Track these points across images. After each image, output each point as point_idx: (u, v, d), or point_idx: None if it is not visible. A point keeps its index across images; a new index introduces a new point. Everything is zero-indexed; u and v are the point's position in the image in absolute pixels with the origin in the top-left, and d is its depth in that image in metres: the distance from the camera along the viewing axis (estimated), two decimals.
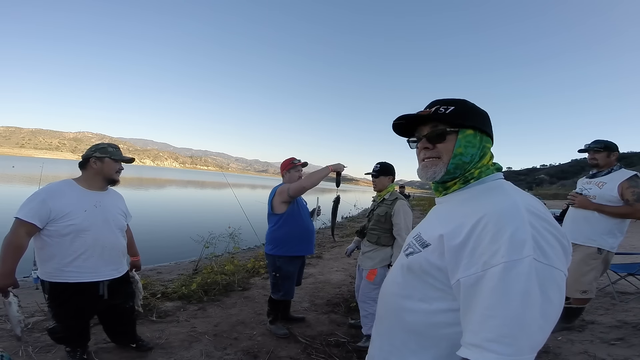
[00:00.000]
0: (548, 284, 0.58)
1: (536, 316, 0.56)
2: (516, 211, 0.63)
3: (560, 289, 0.60)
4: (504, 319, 0.56)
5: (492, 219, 0.63)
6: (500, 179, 0.78)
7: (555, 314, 0.59)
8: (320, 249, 6.87)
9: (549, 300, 0.58)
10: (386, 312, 0.82)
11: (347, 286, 4.24)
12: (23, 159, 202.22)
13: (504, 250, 0.58)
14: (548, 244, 0.60)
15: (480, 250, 0.62)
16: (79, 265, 1.91)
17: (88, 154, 2.06)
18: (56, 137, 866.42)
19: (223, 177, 28.67)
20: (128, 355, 2.29)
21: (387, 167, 2.59)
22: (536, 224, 0.61)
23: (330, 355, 2.46)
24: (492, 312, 0.57)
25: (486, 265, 0.60)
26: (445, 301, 0.69)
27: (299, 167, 2.83)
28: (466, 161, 0.78)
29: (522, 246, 0.58)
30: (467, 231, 0.65)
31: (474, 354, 0.58)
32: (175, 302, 3.36)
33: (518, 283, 0.57)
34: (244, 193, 28.49)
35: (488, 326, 0.57)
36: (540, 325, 0.57)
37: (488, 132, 0.81)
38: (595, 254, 2.51)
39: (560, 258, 0.61)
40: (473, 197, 0.74)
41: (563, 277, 0.60)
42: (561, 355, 2.32)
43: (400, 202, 2.46)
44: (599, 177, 2.60)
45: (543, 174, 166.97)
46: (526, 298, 0.56)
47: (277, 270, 2.69)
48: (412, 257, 0.76)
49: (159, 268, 5.55)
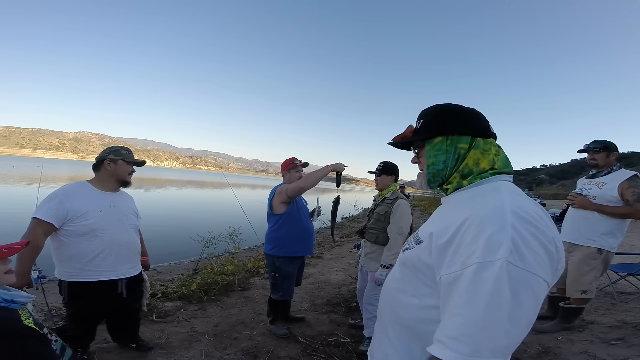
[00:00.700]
0: (521, 288, 0.57)
1: (502, 319, 0.56)
2: (500, 213, 0.63)
3: (536, 295, 0.58)
4: (467, 318, 0.57)
5: (475, 220, 0.64)
6: (499, 182, 0.75)
7: (526, 320, 0.58)
8: (320, 249, 6.87)
9: (520, 305, 0.57)
10: (384, 305, 0.85)
11: (347, 286, 4.24)
12: (23, 159, 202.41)
13: (479, 251, 0.59)
14: (529, 248, 0.59)
15: (462, 250, 0.63)
16: (97, 264, 1.94)
17: (102, 156, 2.10)
18: (56, 137, 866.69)
19: (223, 177, 28.71)
20: (128, 355, 2.29)
21: (389, 166, 2.58)
22: (520, 227, 0.60)
23: (330, 355, 2.46)
24: (458, 311, 0.59)
25: (463, 265, 0.61)
26: (433, 298, 0.70)
27: (300, 168, 2.83)
28: (439, 169, 0.81)
29: (497, 248, 0.58)
30: (452, 231, 0.66)
31: (437, 349, 0.60)
32: (175, 302, 3.36)
33: (486, 284, 0.57)
34: (244, 193, 28.50)
35: (452, 324, 0.59)
36: (506, 330, 0.56)
37: (462, 132, 0.79)
38: (595, 254, 2.52)
39: (542, 264, 0.59)
40: (468, 199, 0.75)
41: (541, 283, 0.59)
42: (561, 355, 2.32)
43: (401, 201, 2.44)
44: (599, 178, 2.60)
45: (543, 174, 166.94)
46: (492, 300, 0.56)
47: (276, 270, 2.69)
48: (406, 252, 0.79)
49: (159, 268, 5.55)
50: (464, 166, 0.78)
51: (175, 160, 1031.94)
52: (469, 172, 0.78)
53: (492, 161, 0.77)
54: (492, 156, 0.77)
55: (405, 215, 2.39)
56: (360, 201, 18.33)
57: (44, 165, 6.81)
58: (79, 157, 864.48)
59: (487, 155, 0.77)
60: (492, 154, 0.78)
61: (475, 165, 0.77)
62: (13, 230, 7.61)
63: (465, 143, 0.78)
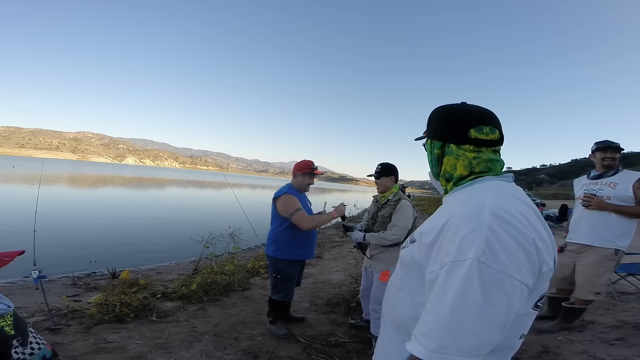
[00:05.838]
0: (493, 288, 0.57)
1: (470, 318, 0.56)
2: (477, 213, 0.63)
3: (509, 296, 0.58)
4: (436, 315, 0.59)
5: (455, 220, 0.65)
6: (490, 181, 0.75)
7: (498, 321, 0.57)
8: (320, 249, 6.87)
9: (491, 306, 0.56)
10: (385, 302, 0.88)
11: (347, 286, 4.23)
12: (23, 159, 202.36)
13: (454, 250, 0.61)
14: (505, 249, 0.58)
15: (442, 249, 0.64)
16: None
17: None
18: (56, 137, 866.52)
19: (223, 177, 28.65)
20: (128, 355, 2.29)
21: (388, 167, 2.57)
22: (496, 228, 0.60)
23: (330, 355, 2.45)
24: (430, 307, 0.61)
25: (442, 264, 0.63)
26: (423, 295, 0.70)
27: (314, 176, 2.75)
28: (431, 168, 0.88)
29: (469, 248, 0.59)
30: (437, 231, 0.68)
31: (410, 344, 0.63)
32: (175, 302, 3.36)
33: (455, 283, 0.58)
34: (244, 193, 28.48)
35: (424, 320, 0.62)
36: (476, 330, 0.56)
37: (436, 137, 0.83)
38: (612, 255, 2.49)
39: (518, 265, 0.58)
40: (457, 199, 0.76)
41: (515, 285, 0.58)
42: (561, 355, 2.32)
43: (404, 202, 2.44)
44: (607, 178, 2.56)
45: (543, 174, 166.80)
46: (460, 298, 0.57)
47: (278, 271, 2.68)
48: (403, 250, 0.81)
49: (159, 268, 5.55)
50: (444, 171, 0.83)
51: (175, 160, 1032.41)
52: (450, 176, 0.81)
53: (470, 166, 0.78)
54: (469, 161, 0.78)
55: (405, 215, 2.39)
56: (361, 201, 18.36)
57: (44, 165, 6.83)
58: (79, 157, 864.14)
59: (462, 160, 0.79)
60: (467, 159, 0.78)
61: (453, 170, 0.80)
62: (13, 230, 7.59)
63: (437, 148, 0.83)
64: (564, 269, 2.72)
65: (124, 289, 3.40)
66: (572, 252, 2.70)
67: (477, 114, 0.79)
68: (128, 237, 8.13)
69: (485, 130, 0.77)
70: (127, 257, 6.23)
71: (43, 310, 2.86)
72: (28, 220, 1.81)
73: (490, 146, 0.78)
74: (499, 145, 0.80)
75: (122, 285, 3.50)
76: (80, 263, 5.49)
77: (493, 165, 0.78)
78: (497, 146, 0.79)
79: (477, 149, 0.78)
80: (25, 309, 3.03)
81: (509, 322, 0.59)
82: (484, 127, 0.77)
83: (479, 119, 0.78)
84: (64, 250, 6.33)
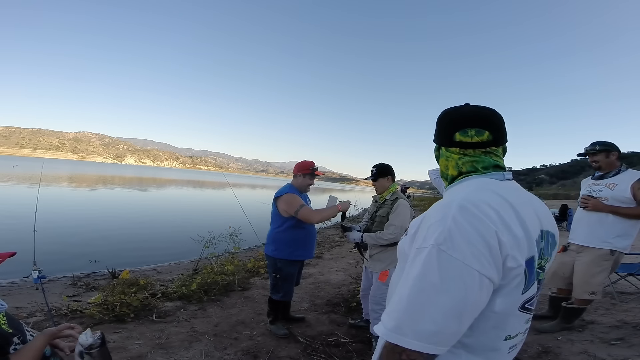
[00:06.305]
0: (450, 275, 0.59)
1: (427, 303, 0.59)
2: (446, 206, 0.67)
3: (466, 285, 0.59)
4: (398, 296, 0.63)
5: (429, 213, 0.71)
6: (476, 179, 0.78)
7: (454, 310, 0.58)
8: (320, 249, 6.87)
9: (447, 292, 0.58)
10: (387, 299, 0.89)
11: (347, 286, 4.23)
12: (23, 159, 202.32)
13: (420, 239, 0.66)
14: (466, 239, 0.60)
15: (417, 238, 0.69)
16: None
17: None
18: (56, 137, 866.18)
19: (223, 177, 28.63)
20: (128, 356, 2.29)
21: (383, 168, 2.57)
22: (460, 219, 0.62)
23: (330, 355, 2.46)
24: (397, 290, 0.65)
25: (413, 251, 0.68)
26: None
27: (315, 176, 2.76)
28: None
29: (431, 236, 0.63)
30: (419, 222, 0.72)
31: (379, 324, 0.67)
32: (175, 302, 3.36)
33: (416, 268, 0.62)
34: (244, 193, 28.49)
35: (391, 301, 0.67)
36: (432, 315, 0.58)
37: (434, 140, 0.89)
38: (608, 255, 2.49)
39: (478, 257, 0.59)
40: (445, 196, 0.81)
41: (474, 275, 0.59)
42: (561, 355, 2.32)
43: (401, 201, 2.44)
44: (608, 179, 2.56)
45: (543, 174, 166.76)
46: (419, 282, 0.61)
47: (277, 271, 2.69)
48: (399, 243, 0.84)
49: (159, 268, 5.56)
50: (441, 171, 0.90)
51: (175, 160, 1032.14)
52: (446, 176, 0.87)
53: (457, 167, 0.83)
54: (455, 162, 0.83)
55: (402, 214, 2.39)
56: (360, 201, 18.36)
57: (44, 165, 6.83)
58: (79, 157, 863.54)
59: (450, 161, 0.84)
60: (454, 160, 0.83)
61: (447, 170, 0.86)
62: (13, 230, 7.59)
63: (436, 151, 0.90)
64: (564, 268, 2.72)
65: (124, 289, 3.40)
66: (573, 252, 2.71)
67: (466, 117, 0.80)
68: (128, 237, 8.14)
69: (470, 133, 0.79)
70: (127, 257, 6.24)
71: (43, 310, 2.86)
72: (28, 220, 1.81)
73: (478, 148, 0.79)
74: (492, 146, 0.80)
75: (122, 285, 3.50)
76: (80, 263, 5.49)
77: (478, 164, 0.80)
78: (488, 147, 0.79)
79: (463, 151, 0.81)
80: (25, 309, 3.03)
81: (467, 312, 0.60)
82: (469, 130, 0.79)
83: (466, 122, 0.80)
84: (64, 250, 6.33)
